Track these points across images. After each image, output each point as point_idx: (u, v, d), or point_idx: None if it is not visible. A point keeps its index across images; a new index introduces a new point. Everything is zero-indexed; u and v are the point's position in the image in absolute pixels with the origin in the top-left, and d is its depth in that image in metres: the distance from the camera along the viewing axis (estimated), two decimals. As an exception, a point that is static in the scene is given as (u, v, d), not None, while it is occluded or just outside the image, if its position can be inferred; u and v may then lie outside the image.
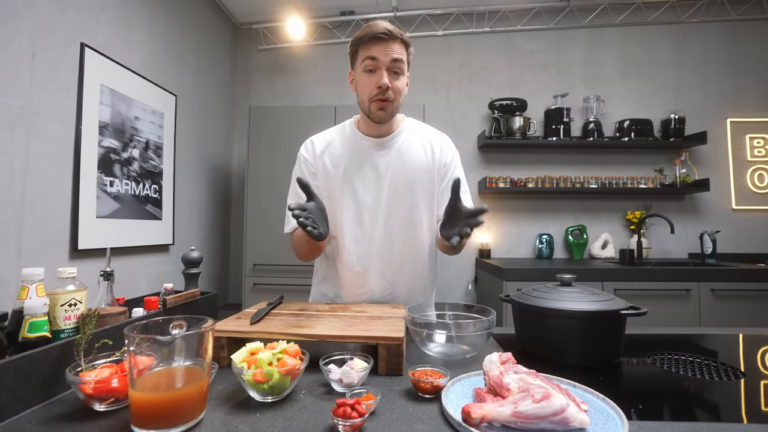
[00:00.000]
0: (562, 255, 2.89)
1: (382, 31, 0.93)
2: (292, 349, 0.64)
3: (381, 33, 0.93)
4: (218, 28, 2.87)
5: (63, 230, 1.57)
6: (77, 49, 1.62)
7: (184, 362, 0.53)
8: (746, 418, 0.57)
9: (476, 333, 0.81)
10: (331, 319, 0.86)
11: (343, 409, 0.51)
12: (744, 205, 2.82)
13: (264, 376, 0.57)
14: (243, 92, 3.18)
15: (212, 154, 2.77)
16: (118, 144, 1.81)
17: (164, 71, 2.20)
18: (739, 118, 2.86)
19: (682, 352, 0.87)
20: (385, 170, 1.06)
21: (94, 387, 0.55)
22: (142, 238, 1.97)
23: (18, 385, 0.55)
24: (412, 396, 0.64)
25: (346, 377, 0.63)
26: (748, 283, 2.10)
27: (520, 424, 0.51)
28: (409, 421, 0.55)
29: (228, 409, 0.58)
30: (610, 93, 2.90)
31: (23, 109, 1.41)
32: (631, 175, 2.81)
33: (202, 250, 2.63)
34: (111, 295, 0.86)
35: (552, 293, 0.85)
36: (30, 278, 0.68)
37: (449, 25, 3.01)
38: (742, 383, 0.71)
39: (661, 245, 2.82)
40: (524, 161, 2.92)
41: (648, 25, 2.92)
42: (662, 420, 0.55)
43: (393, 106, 0.99)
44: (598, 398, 0.60)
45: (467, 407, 0.52)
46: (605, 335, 0.80)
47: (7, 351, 0.57)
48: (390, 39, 0.94)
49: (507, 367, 0.61)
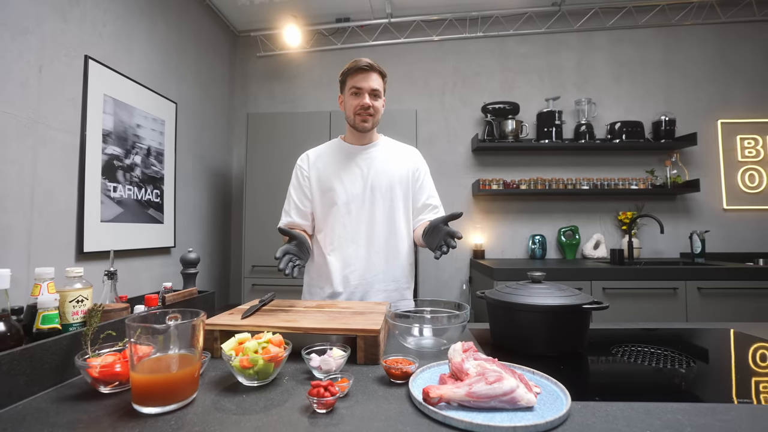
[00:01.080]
0: (555, 255, 2.94)
1: (364, 64, 1.21)
2: (276, 339, 0.71)
3: (364, 65, 1.21)
4: (217, 36, 2.96)
5: (69, 234, 1.65)
6: (81, 61, 1.71)
7: (178, 350, 0.60)
8: (681, 399, 0.63)
9: (450, 326, 0.88)
10: (317, 314, 0.93)
11: (317, 389, 0.58)
12: (735, 205, 2.86)
13: (249, 362, 0.64)
14: (242, 99, 3.26)
15: (212, 159, 2.86)
16: (121, 151, 1.89)
17: (164, 80, 2.28)
18: (729, 120, 2.90)
19: (646, 344, 0.93)
20: (367, 170, 1.29)
21: (100, 371, 0.62)
22: (145, 241, 2.05)
23: (34, 370, 0.62)
24: (384, 382, 0.70)
25: (324, 364, 0.70)
26: (734, 281, 2.15)
27: (473, 403, 0.58)
28: (377, 401, 0.62)
29: (218, 392, 0.65)
30: (601, 96, 2.96)
31: (31, 119, 1.49)
32: (623, 176, 2.86)
33: (202, 252, 2.71)
34: (114, 292, 0.93)
35: (521, 290, 0.92)
36: (42, 276, 0.75)
37: (443, 31, 3.08)
38: (691, 371, 0.77)
39: (653, 245, 2.87)
40: (517, 164, 2.98)
41: (639, 28, 2.97)
42: (606, 401, 0.61)
43: (374, 120, 1.26)
44: (551, 382, 0.66)
45: (427, 388, 0.59)
46: (569, 328, 0.87)
47: (24, 340, 0.64)
48: (370, 70, 1.21)
49: (468, 355, 0.67)
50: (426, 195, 1.33)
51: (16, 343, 0.63)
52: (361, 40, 3.13)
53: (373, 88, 1.21)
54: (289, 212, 1.31)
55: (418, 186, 1.33)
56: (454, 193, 3.02)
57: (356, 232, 1.26)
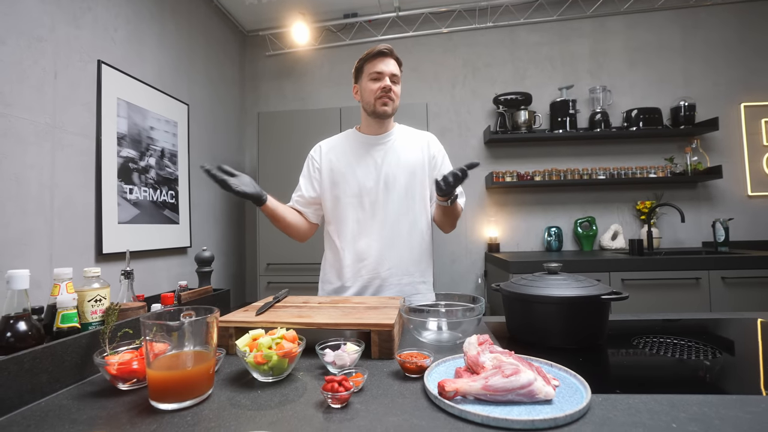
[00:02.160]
0: (572, 247, 2.89)
1: (384, 48, 1.19)
2: (289, 335, 0.71)
3: (384, 50, 1.19)
4: (226, 36, 2.98)
5: (88, 236, 1.69)
6: (94, 66, 1.74)
7: (193, 347, 0.60)
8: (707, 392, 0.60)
9: (464, 320, 0.86)
10: (330, 310, 0.93)
11: (332, 384, 0.57)
12: (760, 191, 2.75)
13: (264, 358, 0.64)
14: (252, 98, 3.28)
15: (224, 159, 2.89)
16: (136, 153, 1.93)
17: (176, 82, 2.31)
18: (753, 102, 2.79)
19: (668, 335, 0.90)
20: (382, 160, 1.25)
21: (118, 368, 0.63)
22: (161, 241, 2.09)
23: (55, 367, 0.64)
24: (399, 376, 0.70)
25: (338, 359, 0.69)
26: (761, 270, 2.07)
27: (489, 396, 0.56)
28: (392, 396, 0.61)
29: (233, 388, 0.65)
30: (616, 83, 2.88)
31: (48, 125, 1.53)
32: (641, 164, 2.78)
33: (217, 251, 2.75)
34: (131, 292, 0.95)
35: (538, 282, 0.90)
36: (60, 277, 0.76)
37: (452, 22, 3.03)
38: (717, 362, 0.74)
39: (673, 234, 2.79)
40: (530, 155, 2.93)
41: (656, 11, 2.87)
42: (627, 393, 0.59)
43: (394, 105, 1.23)
44: (569, 374, 0.64)
45: (442, 382, 0.58)
46: (587, 319, 0.84)
47: (44, 339, 0.66)
48: (389, 55, 1.20)
49: (483, 348, 0.66)
50: None
51: (37, 341, 0.64)
52: (370, 35, 3.11)
53: (393, 73, 1.19)
54: (293, 198, 1.32)
55: (436, 173, 1.28)
56: (467, 186, 2.96)
57: (369, 225, 1.23)
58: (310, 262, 2.46)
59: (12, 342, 0.62)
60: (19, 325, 0.63)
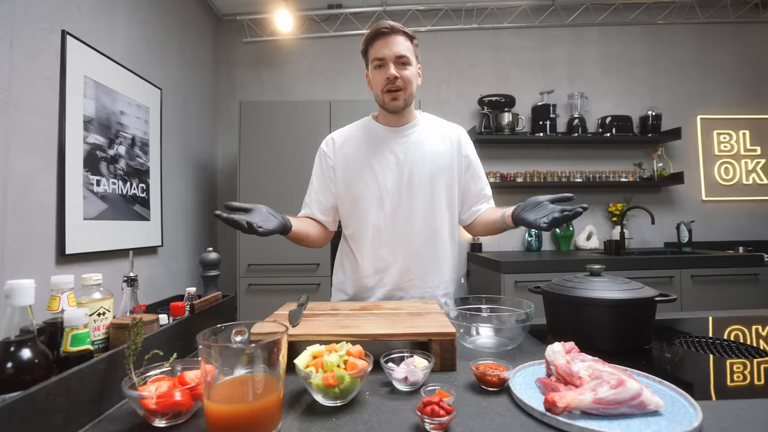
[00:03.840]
0: (550, 247, 2.98)
1: (385, 27, 1.01)
2: (354, 350, 0.62)
3: (384, 28, 1.01)
4: (199, 18, 2.74)
5: (48, 234, 1.45)
6: (58, 37, 1.50)
7: (262, 371, 0.50)
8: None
9: (519, 325, 0.82)
10: (370, 317, 0.85)
11: (431, 407, 0.50)
12: (713, 197, 3.01)
13: (336, 379, 0.55)
14: (227, 87, 3.05)
15: (197, 150, 2.65)
16: (104, 140, 1.70)
17: (148, 63, 2.07)
18: (707, 115, 3.04)
19: (703, 336, 0.91)
20: (404, 157, 1.10)
21: (157, 402, 0.51)
22: (131, 240, 1.86)
23: (70, 404, 0.50)
24: (476, 389, 0.64)
25: (411, 375, 0.62)
26: (724, 269, 2.25)
27: (601, 410, 0.52)
28: (488, 415, 0.55)
29: (299, 416, 0.55)
30: (592, 90, 3.01)
31: (2, 101, 1.29)
32: (613, 169, 2.93)
33: (189, 252, 2.53)
34: (135, 301, 0.81)
35: (587, 283, 0.88)
36: (60, 287, 0.62)
37: (438, 21, 3.02)
38: None
39: (640, 236, 2.97)
40: (513, 156, 2.99)
41: (626, 25, 3.04)
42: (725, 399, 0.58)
43: (405, 95, 1.05)
44: (654, 381, 0.62)
45: (551, 397, 0.52)
46: (638, 321, 0.84)
47: (54, 369, 0.52)
48: (392, 33, 1.01)
49: (572, 356, 0.62)
50: (481, 184, 1.17)
51: (46, 372, 0.50)
52: (355, 28, 3.00)
53: (399, 54, 1.01)
54: (310, 204, 1.15)
55: (470, 174, 1.16)
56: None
57: (390, 232, 1.09)
58: (296, 262, 2.32)
59: (13, 374, 0.48)
60: (22, 353, 0.49)
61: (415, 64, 1.06)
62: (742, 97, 3.06)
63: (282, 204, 2.42)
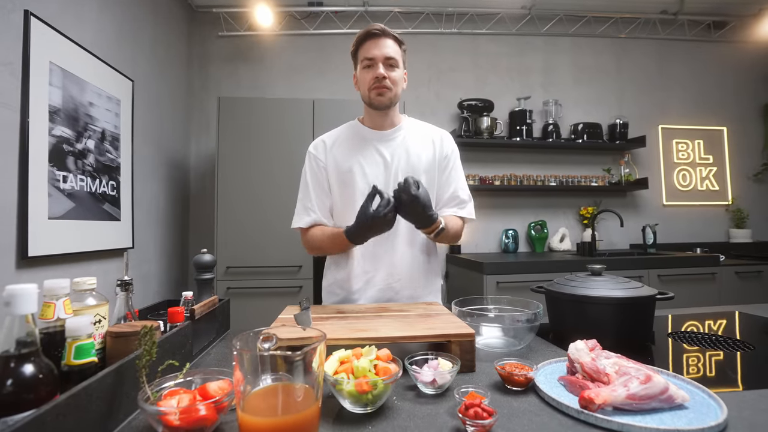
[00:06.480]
0: (525, 249, 3.08)
1: (376, 29, 1.05)
2: (383, 354, 0.60)
3: (375, 30, 1.05)
4: (173, 8, 2.60)
5: (8, 234, 1.31)
6: (20, 17, 1.37)
7: (300, 381, 0.46)
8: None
9: (529, 325, 0.83)
10: (382, 320, 0.83)
11: (474, 410, 0.49)
12: (672, 201, 3.23)
13: (370, 385, 0.53)
14: (201, 81, 2.91)
15: (169, 148, 2.51)
16: (72, 133, 1.56)
17: (119, 52, 1.94)
18: (668, 125, 3.27)
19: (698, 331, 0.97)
20: (391, 159, 1.12)
21: (181, 418, 0.46)
22: (100, 241, 1.72)
23: (78, 423, 0.45)
24: (501, 389, 0.63)
25: (440, 378, 0.61)
26: (686, 269, 2.42)
27: (635, 405, 0.53)
28: (525, 415, 0.54)
29: (331, 425, 0.53)
30: (565, 97, 3.15)
31: (-44, 87, 1.15)
32: (584, 174, 3.08)
33: (161, 254, 2.38)
34: (129, 307, 0.74)
35: (589, 282, 0.90)
36: (55, 292, 0.56)
37: (419, 24, 3.04)
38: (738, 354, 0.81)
39: (608, 237, 3.13)
40: (491, 160, 3.06)
41: (596, 37, 3.21)
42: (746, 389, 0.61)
43: (391, 94, 1.08)
44: (671, 375, 0.64)
45: (588, 395, 0.53)
46: (640, 318, 0.87)
47: (59, 385, 0.46)
48: (383, 36, 1.05)
49: (596, 353, 0.63)
50: (454, 186, 1.17)
51: (52, 389, 0.44)
52: (336, 27, 2.97)
53: (388, 56, 1.05)
54: (313, 209, 1.12)
55: (446, 176, 1.17)
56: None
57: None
58: (278, 264, 2.24)
59: (13, 393, 0.42)
60: (24, 368, 0.43)
61: (402, 68, 1.10)
62: (697, 109, 3.30)
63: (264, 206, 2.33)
